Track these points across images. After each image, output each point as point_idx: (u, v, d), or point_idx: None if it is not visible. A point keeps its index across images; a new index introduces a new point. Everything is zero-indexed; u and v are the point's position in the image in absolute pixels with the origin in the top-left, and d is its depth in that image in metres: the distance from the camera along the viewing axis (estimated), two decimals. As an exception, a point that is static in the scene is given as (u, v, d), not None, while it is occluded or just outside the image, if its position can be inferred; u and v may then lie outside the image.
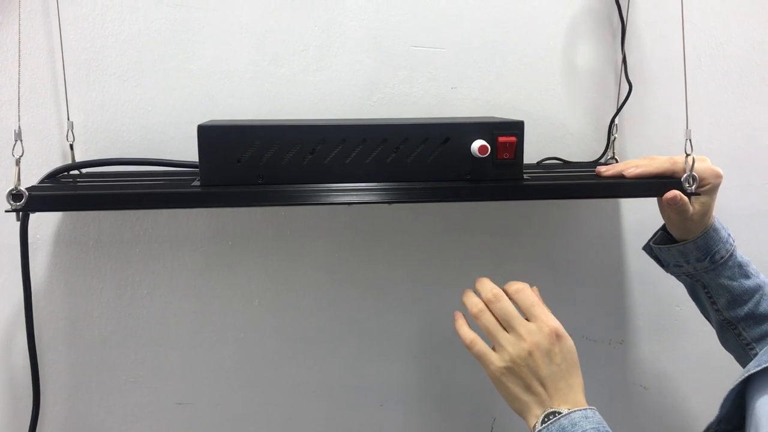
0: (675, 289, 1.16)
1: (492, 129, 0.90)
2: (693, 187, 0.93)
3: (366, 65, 1.10)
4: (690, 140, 0.94)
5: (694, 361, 1.27)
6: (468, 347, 0.84)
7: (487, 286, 0.85)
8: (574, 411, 0.78)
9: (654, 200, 0.98)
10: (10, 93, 1.00)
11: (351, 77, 1.10)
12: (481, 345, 0.84)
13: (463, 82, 1.13)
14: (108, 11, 1.03)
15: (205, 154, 0.86)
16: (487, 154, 0.88)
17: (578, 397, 0.80)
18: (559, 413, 0.78)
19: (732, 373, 0.99)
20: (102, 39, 1.03)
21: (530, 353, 0.80)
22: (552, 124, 1.15)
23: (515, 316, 0.82)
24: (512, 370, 0.81)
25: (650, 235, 1.07)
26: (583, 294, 1.22)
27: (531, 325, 0.81)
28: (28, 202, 0.80)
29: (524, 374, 0.80)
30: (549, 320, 0.82)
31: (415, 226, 1.16)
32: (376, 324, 1.19)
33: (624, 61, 1.14)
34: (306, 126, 0.88)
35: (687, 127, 0.96)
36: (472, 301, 0.85)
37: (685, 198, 0.93)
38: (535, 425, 0.80)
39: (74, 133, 1.03)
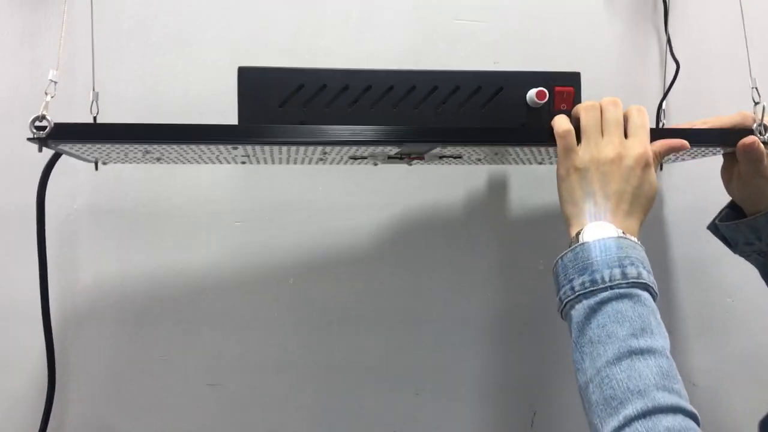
0: (726, 278, 1.08)
1: (548, 79, 0.81)
2: (766, 136, 0.83)
3: (406, 38, 1.04)
4: (757, 89, 0.85)
5: (747, 357, 1.15)
6: (558, 136, 0.76)
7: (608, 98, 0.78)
8: (627, 237, 0.72)
9: (698, 182, 0.94)
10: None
11: (391, 50, 1.04)
12: (573, 140, 0.76)
13: (506, 57, 1.05)
14: None
15: (246, 97, 0.78)
16: (544, 101, 0.79)
17: (634, 227, 0.74)
18: (611, 230, 0.72)
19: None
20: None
21: (612, 162, 0.74)
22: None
23: (620, 125, 0.75)
24: (586, 173, 0.74)
25: (695, 220, 0.99)
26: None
27: (628, 141, 0.75)
28: (53, 131, 0.70)
29: (594, 181, 0.74)
30: (647, 146, 0.75)
31: (458, 203, 1.08)
32: (417, 307, 1.09)
33: (668, 40, 1.06)
34: (352, 71, 0.80)
35: (751, 75, 0.87)
36: (589, 102, 0.78)
37: (762, 147, 0.83)
38: (578, 233, 0.73)
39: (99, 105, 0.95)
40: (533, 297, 1.11)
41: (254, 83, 0.78)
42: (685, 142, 0.78)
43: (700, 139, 0.79)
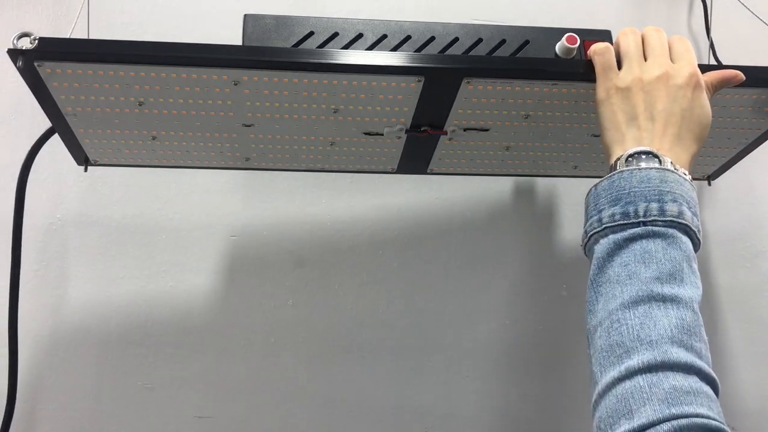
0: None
1: (578, 35, 0.74)
2: None
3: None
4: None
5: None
6: (595, 54, 0.67)
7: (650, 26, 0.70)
8: (674, 171, 0.61)
9: (740, 206, 0.92)
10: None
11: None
12: (612, 57, 0.67)
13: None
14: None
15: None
16: (575, 46, 0.72)
17: (684, 157, 0.63)
18: (656, 157, 0.61)
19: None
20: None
21: (658, 79, 0.64)
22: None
23: (665, 49, 0.66)
24: (628, 93, 0.64)
25: (740, 246, 0.93)
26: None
27: (675, 63, 0.66)
28: (39, 48, 0.59)
29: (638, 102, 0.64)
30: (696, 68, 0.65)
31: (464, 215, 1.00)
32: (426, 335, 1.00)
33: (711, 44, 1.01)
34: (366, 20, 0.73)
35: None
36: (628, 27, 0.69)
37: None
38: (617, 160, 0.62)
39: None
40: (555, 325, 1.02)
41: (260, 31, 0.71)
42: (740, 73, 0.69)
43: (757, 75, 0.70)
